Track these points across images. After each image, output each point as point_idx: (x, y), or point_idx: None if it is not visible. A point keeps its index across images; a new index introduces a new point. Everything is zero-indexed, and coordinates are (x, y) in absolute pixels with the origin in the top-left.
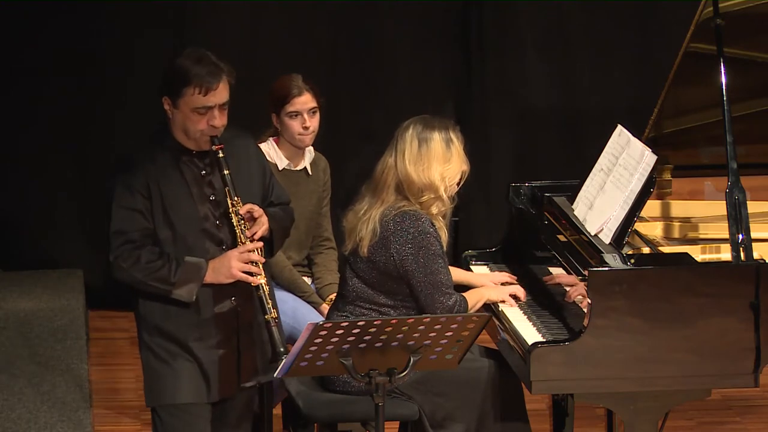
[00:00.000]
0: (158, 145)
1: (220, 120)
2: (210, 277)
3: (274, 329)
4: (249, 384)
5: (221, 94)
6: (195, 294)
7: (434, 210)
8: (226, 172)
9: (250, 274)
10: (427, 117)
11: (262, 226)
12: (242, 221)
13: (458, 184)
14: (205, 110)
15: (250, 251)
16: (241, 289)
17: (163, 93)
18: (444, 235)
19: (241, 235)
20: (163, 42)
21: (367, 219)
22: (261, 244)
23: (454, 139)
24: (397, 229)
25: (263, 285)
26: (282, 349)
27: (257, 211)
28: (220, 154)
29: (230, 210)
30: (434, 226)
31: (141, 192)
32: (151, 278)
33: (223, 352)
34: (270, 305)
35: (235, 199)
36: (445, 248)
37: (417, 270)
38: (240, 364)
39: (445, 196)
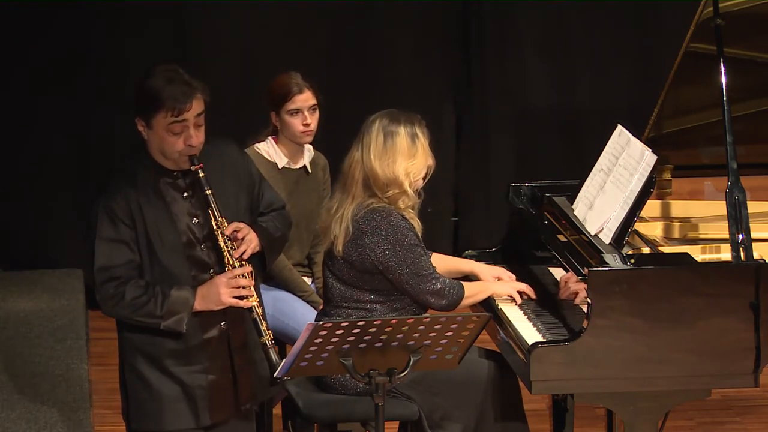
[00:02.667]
0: (137, 166)
1: (196, 138)
2: (200, 305)
3: (271, 351)
4: (248, 406)
5: (194, 110)
6: (185, 324)
7: (401, 204)
8: (208, 192)
9: (241, 297)
10: (394, 111)
11: (251, 244)
12: (228, 242)
13: (424, 178)
14: (180, 128)
15: (238, 276)
16: (231, 313)
17: (135, 114)
18: (417, 224)
19: (229, 257)
20: (163, 42)
21: (340, 217)
22: (249, 268)
23: (420, 134)
24: (370, 227)
25: (256, 307)
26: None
27: (243, 230)
28: (201, 174)
29: (215, 231)
30: (405, 218)
31: (123, 220)
32: (138, 314)
33: (215, 377)
34: (265, 327)
35: (219, 219)
36: (420, 236)
37: (398, 264)
38: (237, 386)
39: (410, 191)
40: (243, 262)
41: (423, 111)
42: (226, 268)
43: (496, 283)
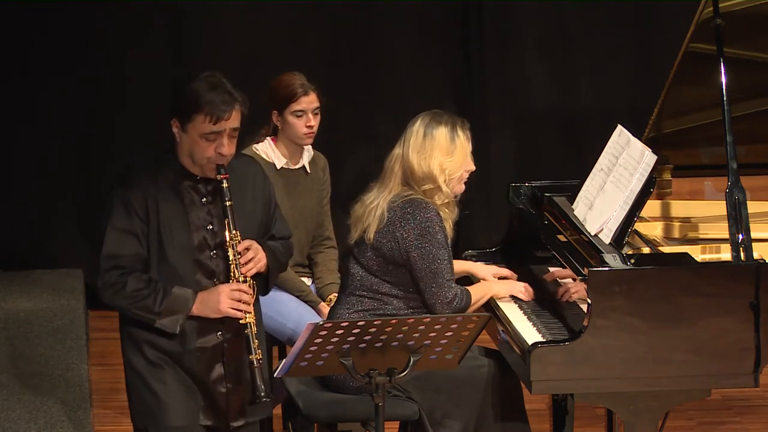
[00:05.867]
0: (162, 166)
1: (228, 148)
2: (197, 310)
3: (257, 371)
4: (238, 424)
5: (232, 121)
6: (179, 325)
7: (437, 201)
8: (228, 203)
9: (239, 311)
10: (438, 111)
11: (258, 263)
12: (238, 256)
13: (464, 183)
14: (214, 136)
15: (241, 290)
16: (229, 324)
17: (172, 114)
18: (449, 227)
19: (235, 270)
20: (163, 42)
21: (375, 206)
22: (252, 289)
23: (461, 135)
24: (404, 214)
25: (251, 324)
26: (263, 394)
27: (254, 249)
28: (225, 184)
29: (227, 243)
30: (440, 215)
31: (139, 214)
32: (135, 306)
33: (209, 384)
34: (256, 345)
35: (234, 232)
36: (449, 242)
37: (419, 256)
38: (229, 401)
39: (444, 188)
40: (248, 279)
41: (423, 111)
42: (231, 281)
43: (496, 283)
